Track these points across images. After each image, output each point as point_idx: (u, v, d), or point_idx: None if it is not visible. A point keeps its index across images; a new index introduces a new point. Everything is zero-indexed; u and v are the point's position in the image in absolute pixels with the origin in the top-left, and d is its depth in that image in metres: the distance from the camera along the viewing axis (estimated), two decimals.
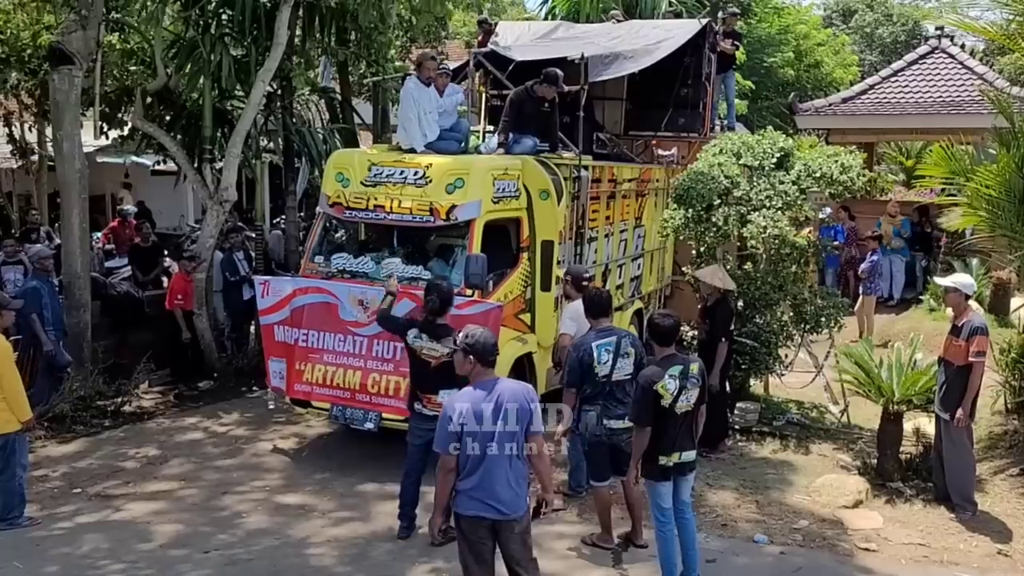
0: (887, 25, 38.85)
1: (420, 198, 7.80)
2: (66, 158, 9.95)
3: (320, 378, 7.79)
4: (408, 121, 8.63)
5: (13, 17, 12.45)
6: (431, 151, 8.45)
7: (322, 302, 7.85)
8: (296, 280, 8.19)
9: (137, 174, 17.82)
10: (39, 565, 6.24)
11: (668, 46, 10.83)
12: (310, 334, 7.88)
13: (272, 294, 8.07)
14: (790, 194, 8.77)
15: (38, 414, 8.87)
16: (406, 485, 6.56)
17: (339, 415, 7.76)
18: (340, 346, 7.77)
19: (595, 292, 6.79)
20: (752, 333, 8.92)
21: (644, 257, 11.47)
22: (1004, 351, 8.61)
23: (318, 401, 7.88)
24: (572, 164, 9.06)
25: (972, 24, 9.26)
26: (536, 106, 9.05)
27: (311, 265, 8.42)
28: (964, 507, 7.06)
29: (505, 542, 4.75)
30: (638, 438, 5.63)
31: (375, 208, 7.97)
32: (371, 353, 7.66)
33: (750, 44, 23.29)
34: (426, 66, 8.84)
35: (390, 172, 8.00)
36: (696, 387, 5.61)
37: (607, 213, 10.08)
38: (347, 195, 8.09)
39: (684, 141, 12.12)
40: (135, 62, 12.24)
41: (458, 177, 7.84)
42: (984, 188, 8.14)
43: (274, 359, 8.12)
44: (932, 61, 17.58)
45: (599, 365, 6.16)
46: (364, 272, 8.06)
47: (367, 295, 7.64)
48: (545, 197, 8.40)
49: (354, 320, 7.71)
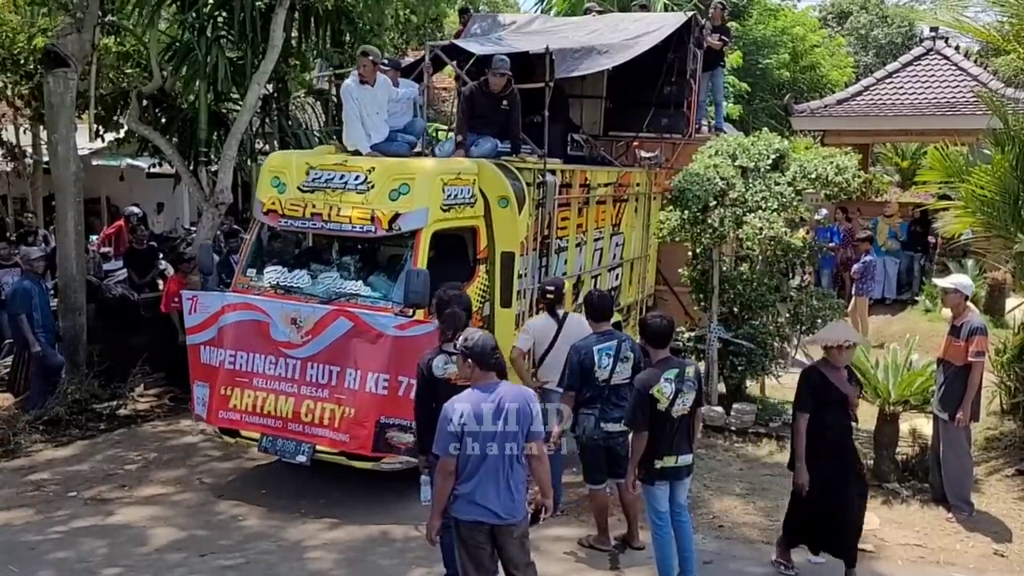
0: (882, 27, 38.88)
1: (361, 205, 7.11)
2: (61, 161, 9.93)
3: (249, 405, 7.07)
4: (350, 121, 8.03)
5: (8, 20, 12.42)
6: (377, 153, 7.85)
7: (252, 320, 7.14)
8: (226, 296, 7.45)
9: (132, 176, 17.78)
10: (35, 569, 6.21)
11: (648, 41, 10.23)
12: (238, 355, 7.15)
13: (200, 311, 7.39)
14: (786, 195, 8.79)
15: (33, 417, 8.91)
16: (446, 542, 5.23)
17: (269, 446, 7.08)
18: (271, 369, 7.02)
19: (597, 295, 6.74)
20: (748, 335, 8.93)
21: (623, 267, 10.79)
22: (999, 352, 8.63)
23: (247, 430, 7.22)
24: (536, 168, 8.33)
25: (967, 25, 9.28)
26: (492, 103, 8.28)
27: (243, 279, 7.67)
28: (961, 508, 7.07)
29: (503, 546, 4.74)
30: (636, 442, 5.62)
31: (312, 216, 7.27)
32: (305, 378, 6.92)
33: (746, 46, 23.36)
34: (362, 63, 8.15)
35: (329, 176, 7.33)
36: (692, 390, 5.61)
37: (579, 221, 9.37)
38: (283, 202, 7.42)
39: (668, 142, 11.46)
40: (131, 65, 12.22)
41: (403, 182, 7.14)
42: (979, 189, 8.17)
43: (199, 383, 7.43)
44: (927, 63, 17.62)
45: (599, 369, 6.13)
46: (299, 287, 7.35)
47: (301, 313, 6.96)
48: (504, 204, 7.72)
49: (286, 340, 6.97)
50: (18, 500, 7.44)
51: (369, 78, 8.08)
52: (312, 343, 6.90)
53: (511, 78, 8.25)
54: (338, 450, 6.80)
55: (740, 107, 21.50)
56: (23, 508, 7.26)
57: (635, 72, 10.50)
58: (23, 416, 8.89)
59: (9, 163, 15.70)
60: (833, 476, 5.82)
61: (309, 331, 6.86)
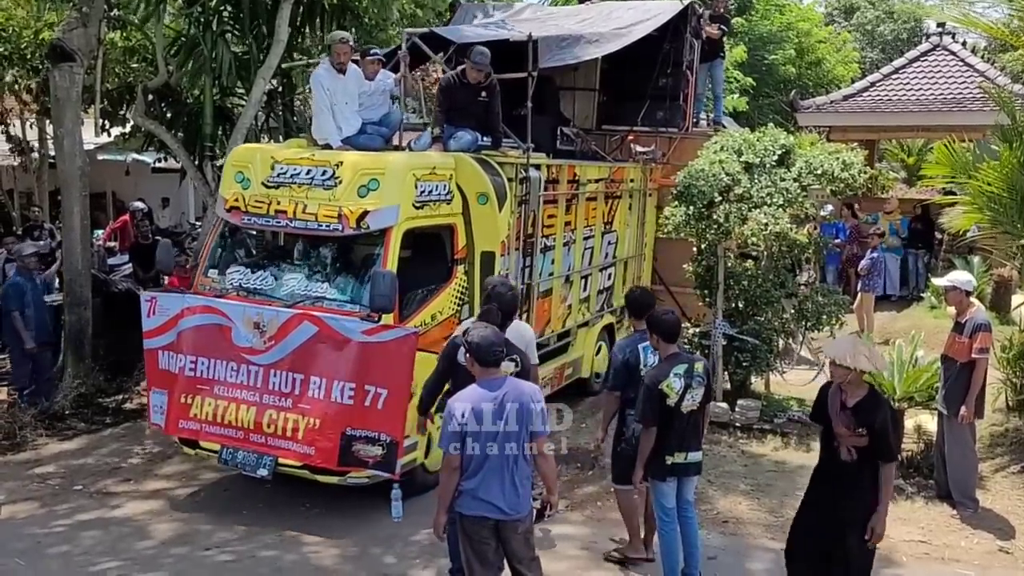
0: (888, 22, 38.80)
1: (328, 202, 6.72)
2: (67, 155, 9.94)
3: (209, 414, 6.68)
4: (320, 113, 7.61)
5: (14, 14, 12.45)
6: (348, 147, 7.44)
7: (213, 324, 6.74)
8: (185, 298, 7.09)
9: (138, 171, 17.82)
10: (39, 562, 6.24)
11: (641, 29, 9.77)
12: (198, 361, 6.76)
13: (159, 313, 7.01)
14: (791, 191, 8.77)
15: (38, 412, 8.93)
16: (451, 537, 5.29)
17: (229, 459, 6.70)
18: (232, 377, 6.65)
19: (639, 291, 6.35)
20: (753, 331, 8.92)
21: (616, 266, 10.40)
22: (1005, 348, 8.62)
23: (207, 441, 6.83)
24: (519, 163, 7.91)
25: (974, 20, 9.24)
26: (471, 94, 7.80)
27: (204, 280, 7.28)
28: (965, 504, 7.06)
29: (508, 541, 4.74)
30: (644, 438, 5.57)
31: (277, 214, 6.86)
32: (267, 386, 6.53)
33: (751, 41, 23.28)
34: (336, 50, 7.66)
35: (295, 171, 6.91)
36: (701, 386, 5.58)
37: (567, 219, 8.97)
38: (246, 198, 7.02)
39: (663, 136, 10.91)
40: (136, 59, 12.26)
41: (372, 178, 6.72)
42: (986, 186, 8.13)
43: (156, 390, 7.05)
44: (934, 58, 17.57)
45: (645, 368, 5.82)
46: (262, 290, 6.98)
47: (264, 317, 6.57)
48: (484, 201, 7.36)
49: (249, 346, 6.60)
50: (23, 493, 7.47)
51: (344, 65, 7.67)
52: (275, 349, 6.52)
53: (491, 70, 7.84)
54: (302, 463, 6.46)
55: (745, 100, 21.41)
56: (28, 501, 7.29)
57: (629, 63, 10.18)
58: (29, 410, 8.91)
59: (16, 157, 15.77)
60: (824, 505, 5.18)
61: (272, 336, 6.49)
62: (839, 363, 5.01)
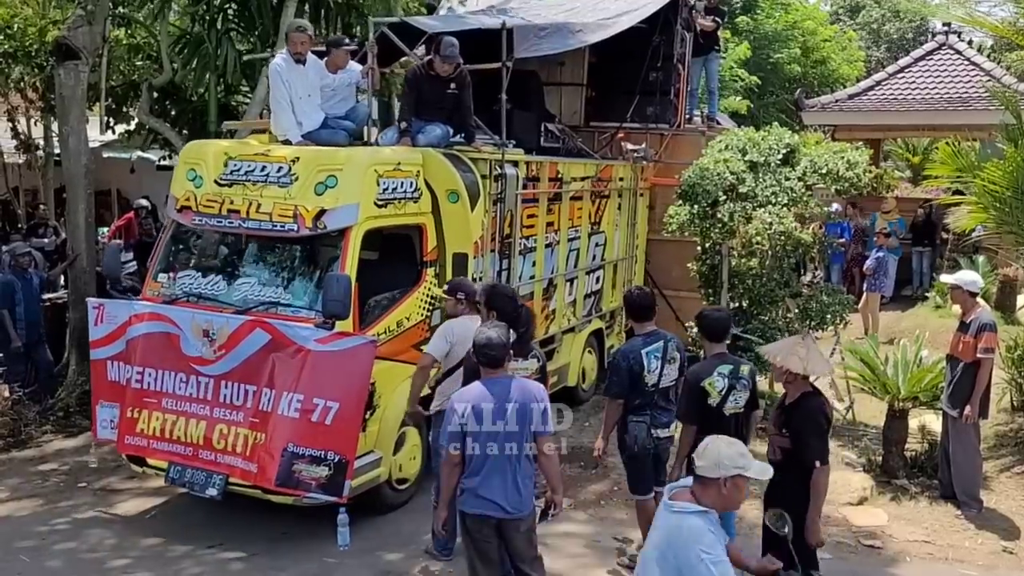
0: (894, 21, 38.68)
1: (283, 201, 6.27)
2: (72, 153, 9.95)
3: (157, 429, 6.28)
4: (278, 106, 7.18)
5: (19, 12, 12.47)
6: (309, 142, 7.02)
7: (161, 332, 6.34)
8: (134, 305, 6.66)
9: (143, 169, 17.84)
10: (44, 559, 6.26)
11: (628, 20, 9.30)
12: (145, 372, 6.35)
13: (107, 321, 6.63)
14: (796, 190, 8.75)
15: (43, 408, 8.95)
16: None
17: (176, 477, 6.25)
18: (181, 389, 6.24)
19: (637, 292, 6.11)
20: (757, 330, 8.91)
21: (605, 269, 9.88)
22: (1010, 348, 8.61)
23: (154, 458, 6.41)
24: (494, 159, 7.48)
25: (980, 20, 9.25)
26: (439, 87, 7.35)
27: (154, 285, 6.84)
28: (970, 504, 7.05)
29: (510, 540, 4.74)
30: (684, 437, 5.38)
31: (229, 213, 6.40)
32: (218, 399, 6.12)
33: (756, 40, 23.24)
34: (293, 39, 7.24)
35: (249, 168, 6.47)
36: (746, 389, 5.41)
37: (550, 219, 8.53)
38: (198, 197, 6.55)
39: (654, 133, 10.49)
40: (141, 57, 12.26)
41: (330, 174, 6.29)
42: (991, 185, 8.12)
43: (104, 403, 6.65)
44: (939, 57, 17.54)
45: (648, 373, 5.64)
46: (214, 295, 6.54)
47: (214, 324, 6.15)
48: (454, 199, 6.96)
49: (198, 356, 6.18)
50: (28, 490, 7.49)
51: (303, 56, 7.23)
52: (226, 358, 6.12)
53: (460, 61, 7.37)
54: (251, 482, 6.01)
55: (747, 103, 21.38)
56: (32, 498, 7.31)
57: (618, 57, 9.84)
58: (33, 407, 8.92)
59: (21, 155, 15.78)
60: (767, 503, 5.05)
61: (223, 345, 6.09)
62: (770, 362, 5.06)
